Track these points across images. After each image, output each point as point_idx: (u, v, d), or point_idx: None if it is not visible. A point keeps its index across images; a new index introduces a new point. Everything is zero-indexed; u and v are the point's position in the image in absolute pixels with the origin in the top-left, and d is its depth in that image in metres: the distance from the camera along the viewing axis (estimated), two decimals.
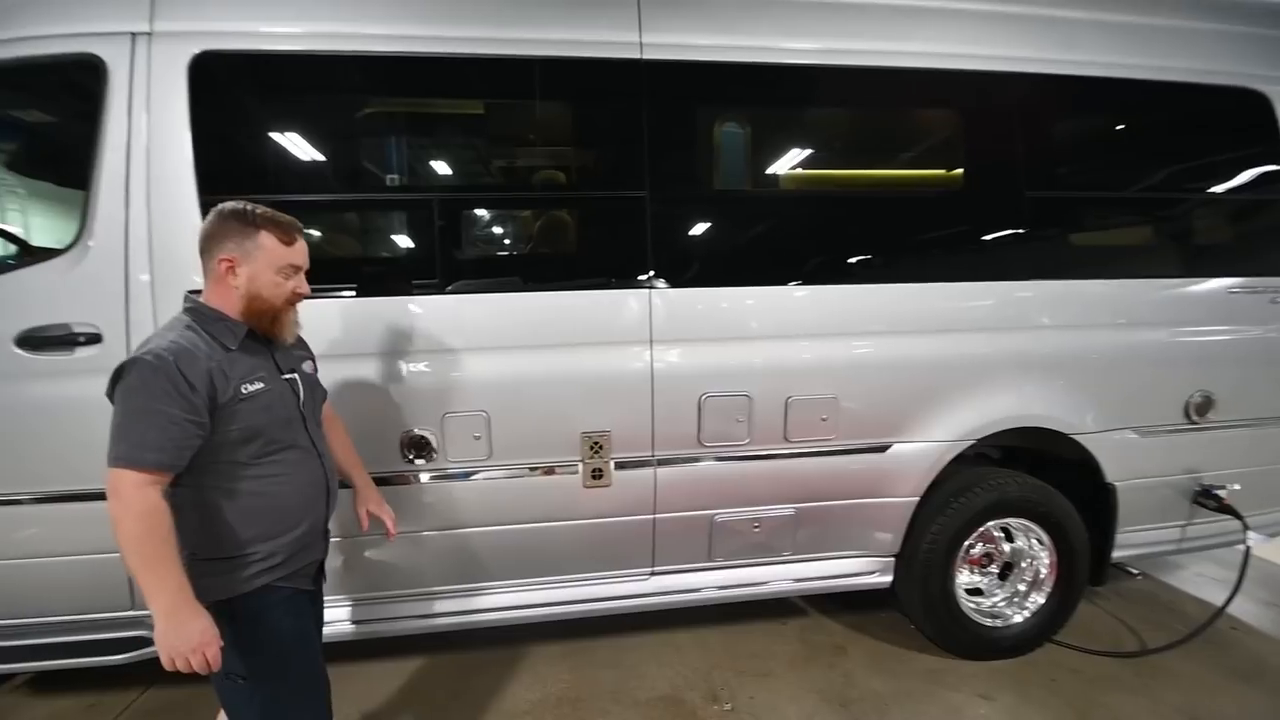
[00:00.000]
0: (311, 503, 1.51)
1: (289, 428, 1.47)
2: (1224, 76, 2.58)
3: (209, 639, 1.27)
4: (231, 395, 1.35)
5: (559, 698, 2.38)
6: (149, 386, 1.26)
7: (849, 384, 2.31)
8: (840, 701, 2.36)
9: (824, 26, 2.30)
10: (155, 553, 1.25)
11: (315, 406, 1.59)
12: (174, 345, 1.31)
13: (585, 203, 2.33)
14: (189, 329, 1.37)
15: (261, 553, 1.41)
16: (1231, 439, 2.64)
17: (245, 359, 1.41)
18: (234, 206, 1.42)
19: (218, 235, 1.40)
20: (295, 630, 1.48)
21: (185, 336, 1.35)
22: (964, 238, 2.50)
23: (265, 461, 1.42)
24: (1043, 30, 2.44)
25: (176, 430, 1.28)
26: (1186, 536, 2.76)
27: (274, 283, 1.42)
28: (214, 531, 1.38)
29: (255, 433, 1.39)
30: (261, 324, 1.43)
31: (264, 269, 1.41)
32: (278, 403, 1.44)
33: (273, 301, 1.43)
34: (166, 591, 1.25)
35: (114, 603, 2.08)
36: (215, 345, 1.37)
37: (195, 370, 1.29)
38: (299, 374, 1.54)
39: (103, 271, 1.95)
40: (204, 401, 1.30)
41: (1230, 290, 2.57)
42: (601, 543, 2.32)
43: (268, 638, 1.42)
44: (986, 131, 2.47)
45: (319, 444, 1.56)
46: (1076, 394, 2.47)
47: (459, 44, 2.09)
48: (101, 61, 1.95)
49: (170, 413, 1.27)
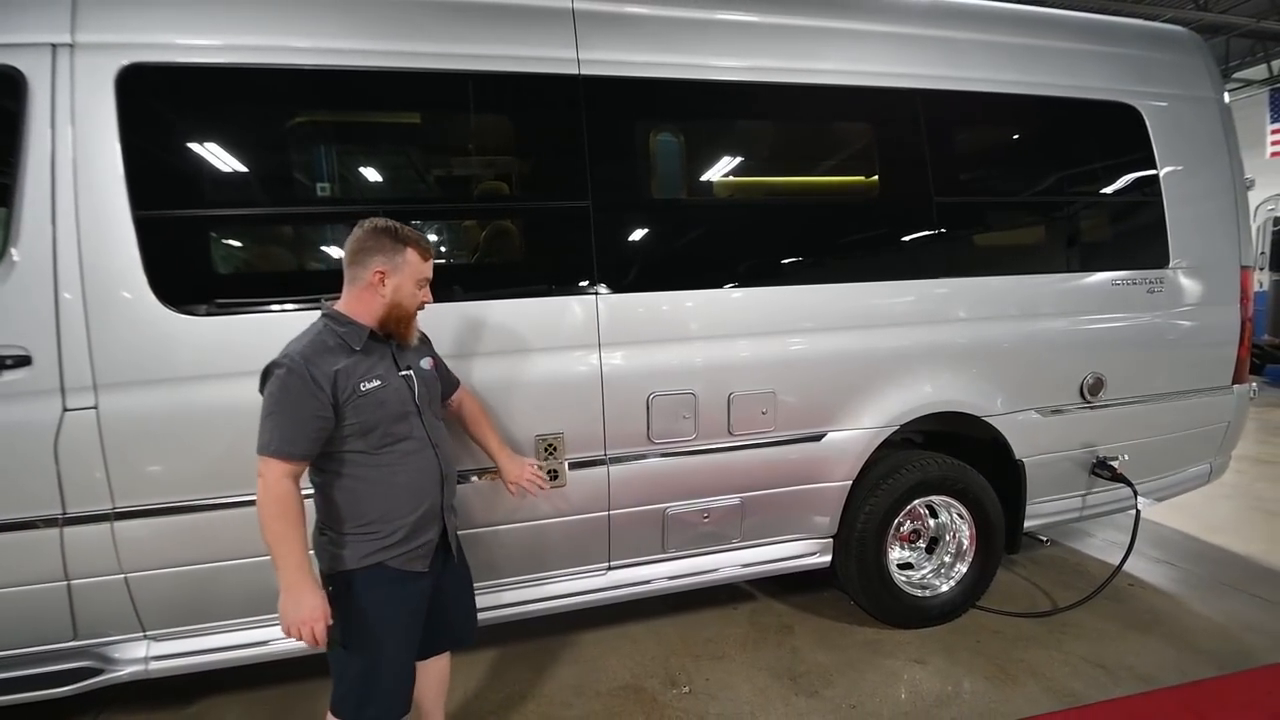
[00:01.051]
0: (426, 489, 1.66)
1: (404, 421, 1.63)
2: (1101, 92, 2.89)
3: (317, 616, 1.47)
4: (351, 392, 1.53)
5: (523, 695, 2.43)
6: (287, 388, 1.48)
7: (785, 379, 2.46)
8: (790, 676, 2.51)
9: (748, 46, 2.45)
10: (283, 533, 1.47)
11: (433, 400, 1.76)
12: (307, 349, 1.52)
13: (530, 213, 2.40)
14: (321, 334, 1.58)
15: (381, 532, 1.58)
16: (1121, 415, 2.94)
17: (366, 359, 1.59)
18: (384, 224, 1.62)
19: (371, 249, 1.59)
20: (396, 612, 1.62)
21: (317, 341, 1.56)
22: (882, 240, 2.72)
23: (383, 452, 1.59)
24: (938, 50, 2.68)
25: (309, 425, 1.49)
26: (1087, 505, 3.07)
27: (412, 293, 1.64)
28: (339, 511, 1.58)
29: (371, 426, 1.56)
30: (397, 328, 1.64)
31: (407, 280, 1.62)
32: (393, 398, 1.61)
33: (409, 309, 1.64)
34: (289, 568, 1.47)
35: (57, 634, 2.00)
36: (343, 347, 1.57)
37: (322, 371, 1.50)
38: (415, 371, 1.69)
39: (29, 290, 1.87)
40: (329, 398, 1.50)
41: (1114, 282, 2.88)
42: (559, 541, 2.39)
43: (372, 613, 1.58)
44: (896, 142, 2.68)
45: (433, 435, 1.70)
46: (987, 380, 2.71)
47: (396, 58, 2.12)
48: (20, 73, 1.88)
49: (304, 411, 1.48)
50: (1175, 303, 2.97)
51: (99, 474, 1.92)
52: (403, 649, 1.66)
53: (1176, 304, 2.97)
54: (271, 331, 2.01)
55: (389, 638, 1.63)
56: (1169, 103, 2.99)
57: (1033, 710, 2.28)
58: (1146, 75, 2.99)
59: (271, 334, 2.00)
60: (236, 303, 2.04)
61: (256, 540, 2.03)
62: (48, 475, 1.89)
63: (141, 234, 1.93)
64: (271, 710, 2.40)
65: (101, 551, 1.96)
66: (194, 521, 2.01)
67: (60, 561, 1.94)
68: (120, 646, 2.10)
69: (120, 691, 2.29)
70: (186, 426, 1.97)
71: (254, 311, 2.05)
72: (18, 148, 1.88)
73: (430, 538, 1.70)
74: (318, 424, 1.50)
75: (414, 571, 1.65)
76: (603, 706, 2.37)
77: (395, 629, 1.64)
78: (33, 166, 1.88)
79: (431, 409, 1.74)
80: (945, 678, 2.49)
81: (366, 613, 1.59)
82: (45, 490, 1.89)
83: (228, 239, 2.26)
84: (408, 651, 1.68)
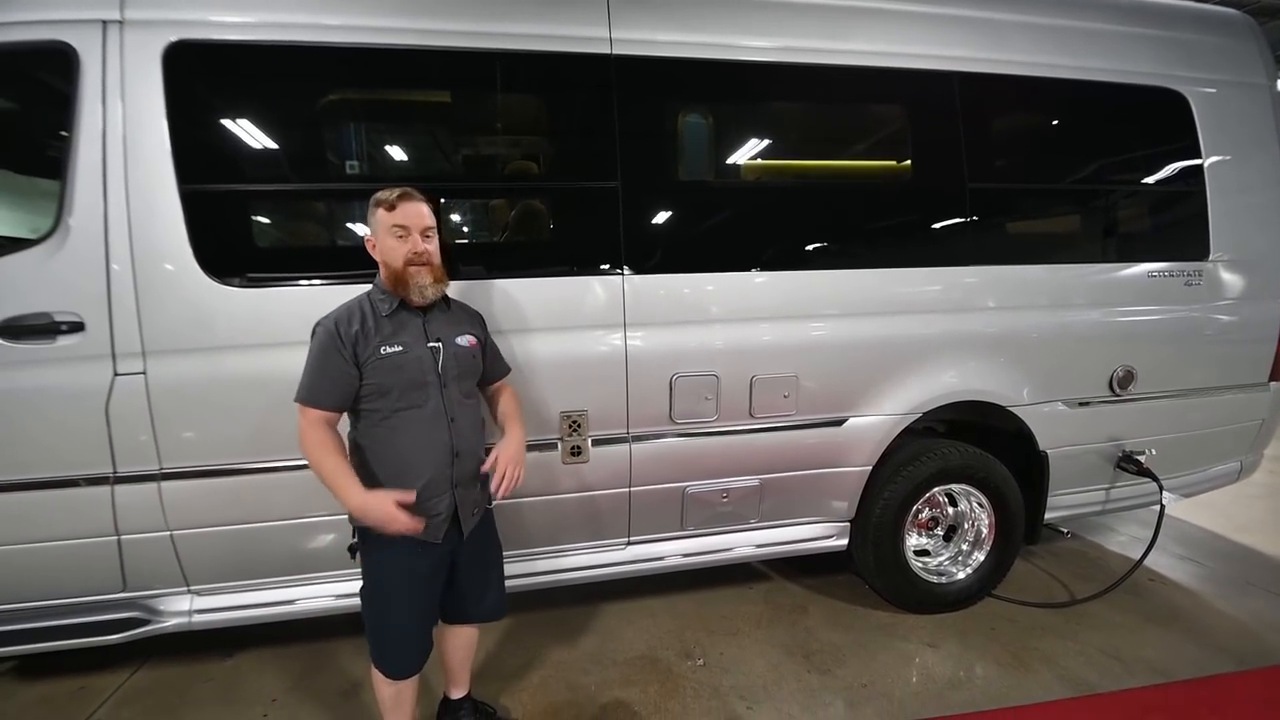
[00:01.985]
0: (434, 460, 1.71)
1: (420, 390, 1.70)
2: (1146, 77, 2.80)
3: (392, 514, 1.56)
4: (370, 354, 1.65)
5: (543, 661, 2.52)
6: (321, 344, 1.65)
7: (809, 363, 2.47)
8: (803, 654, 2.56)
9: (782, 25, 2.42)
10: (332, 466, 1.61)
11: (462, 377, 1.79)
12: (341, 312, 1.68)
13: (559, 193, 2.43)
14: (358, 299, 1.73)
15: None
16: (1150, 409, 2.90)
17: (391, 325, 1.70)
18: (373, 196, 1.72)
19: (369, 224, 1.73)
20: (405, 569, 1.72)
21: (353, 305, 1.71)
22: (914, 226, 2.68)
23: (395, 416, 1.68)
24: (977, 31, 2.62)
25: (336, 379, 1.64)
26: (1110, 498, 3.04)
27: (393, 247, 1.68)
28: (359, 466, 1.70)
29: (386, 389, 1.66)
30: (401, 287, 1.69)
31: (384, 236, 1.69)
32: (412, 365, 1.69)
33: (396, 265, 1.68)
34: (350, 494, 1.59)
35: (108, 585, 2.13)
36: (372, 312, 1.69)
37: (347, 331, 1.64)
38: (445, 344, 1.75)
39: (83, 259, 1.96)
40: (350, 355, 1.63)
41: (1150, 274, 2.82)
42: (581, 515, 2.45)
43: (382, 567, 1.71)
44: (931, 126, 2.64)
45: (451, 409, 1.74)
46: (1014, 370, 2.69)
47: (440, 37, 2.14)
48: (72, 49, 1.95)
49: (330, 366, 1.63)
50: (1214, 296, 2.89)
51: (147, 436, 2.02)
52: (405, 611, 1.74)
53: (1215, 297, 2.90)
54: (308, 304, 2.09)
55: (394, 597, 1.72)
56: (1218, 89, 2.89)
57: (1045, 697, 2.30)
58: (1195, 60, 2.88)
59: (308, 307, 2.08)
60: (277, 276, 2.12)
61: (294, 503, 2.17)
62: (100, 436, 1.99)
63: (187, 207, 2.00)
64: (305, 665, 2.52)
65: (149, 509, 2.07)
66: (236, 484, 2.11)
67: (111, 517, 2.05)
68: (165, 599, 2.22)
69: (164, 642, 2.42)
70: (228, 393, 2.05)
71: (293, 285, 2.12)
72: (70, 122, 1.95)
73: (439, 511, 1.73)
74: (344, 379, 1.64)
75: (424, 540, 1.69)
76: (619, 675, 2.44)
77: (401, 590, 1.72)
78: (84, 141, 1.96)
79: (459, 385, 1.78)
80: (958, 662, 2.51)
81: (375, 569, 1.73)
82: (97, 450, 2.00)
83: (269, 213, 2.33)
84: (411, 614, 1.75)
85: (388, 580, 1.72)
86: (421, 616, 1.79)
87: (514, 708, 2.26)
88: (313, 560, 2.27)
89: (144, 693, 2.38)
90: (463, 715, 2.07)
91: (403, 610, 1.74)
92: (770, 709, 2.26)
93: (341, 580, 2.33)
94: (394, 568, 1.71)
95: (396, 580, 1.72)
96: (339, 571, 2.31)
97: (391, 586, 1.72)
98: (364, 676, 2.43)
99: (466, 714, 2.08)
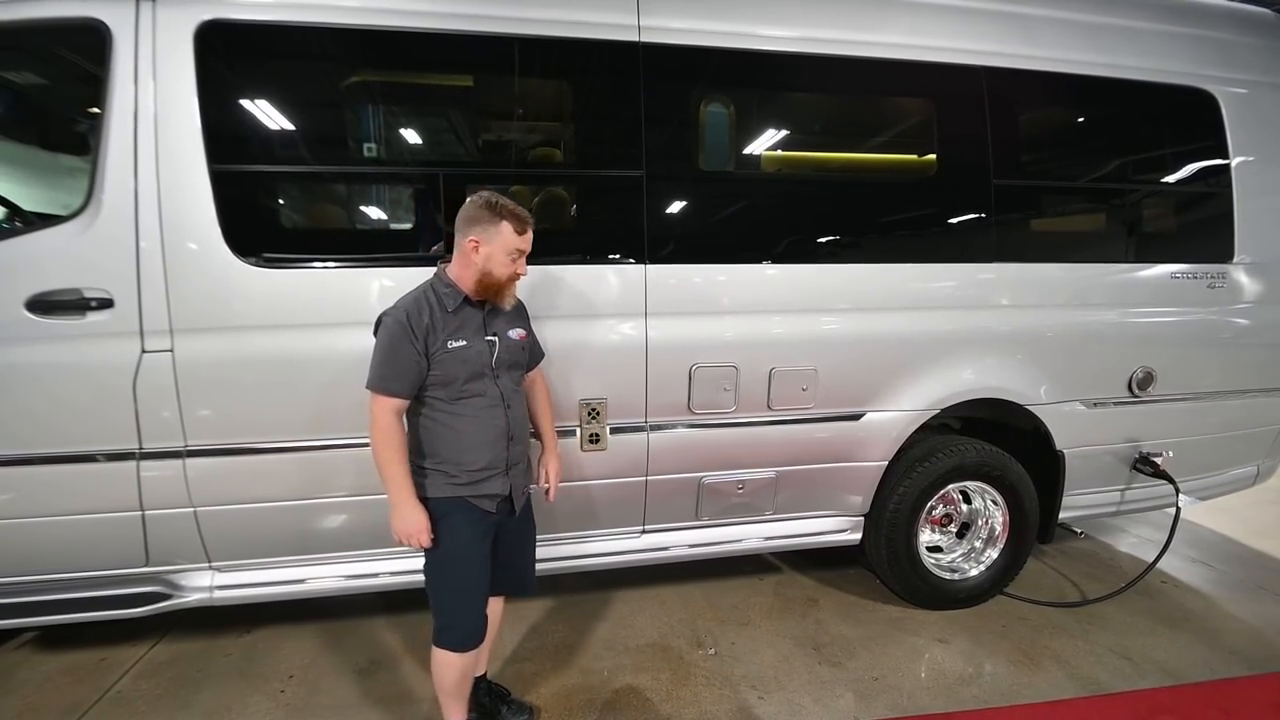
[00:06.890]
0: (492, 443, 1.81)
1: (479, 380, 1.79)
2: (1176, 76, 2.77)
3: (420, 529, 1.72)
4: (439, 346, 1.72)
5: (556, 645, 2.55)
6: (392, 335, 1.70)
7: (828, 357, 2.47)
8: (813, 645, 2.58)
9: (810, 16, 2.40)
10: (389, 457, 1.71)
11: (514, 367, 1.89)
12: (410, 304, 1.73)
13: (583, 180, 2.42)
14: (425, 291, 1.78)
15: (449, 470, 1.78)
16: (1169, 411, 2.88)
17: (456, 320, 1.76)
18: (487, 197, 1.76)
19: (471, 220, 1.74)
20: (465, 538, 1.81)
21: (420, 296, 1.76)
22: (939, 222, 2.67)
23: (457, 402, 1.77)
24: (1007, 25, 2.59)
25: (407, 368, 1.71)
26: (1126, 500, 3.03)
27: (503, 263, 1.75)
28: (419, 446, 1.80)
29: (450, 379, 1.75)
30: (489, 295, 1.78)
31: (498, 251, 1.74)
32: (474, 358, 1.77)
33: (499, 278, 1.77)
34: (395, 489, 1.71)
35: (132, 559, 2.16)
36: (439, 306, 1.75)
37: (419, 323, 1.71)
38: (500, 337, 1.83)
39: (113, 237, 1.97)
40: (421, 347, 1.70)
41: (1173, 275, 2.80)
42: (597, 502, 2.47)
43: (446, 536, 1.79)
44: (957, 121, 2.62)
45: (508, 397, 1.84)
46: (1032, 369, 2.68)
47: (470, 21, 2.14)
48: (105, 26, 1.96)
49: (402, 355, 1.70)
50: (1236, 299, 2.87)
51: (173, 414, 2.04)
52: (477, 567, 1.83)
53: (1238, 300, 2.87)
54: (333, 286, 2.12)
55: (464, 558, 1.81)
56: (1249, 89, 2.85)
57: (1056, 695, 2.31)
58: (1226, 59, 2.84)
59: (333, 289, 2.12)
60: (305, 257, 2.13)
61: (315, 484, 2.19)
62: (127, 412, 2.02)
63: (217, 187, 2.01)
64: (321, 642, 2.55)
65: (173, 485, 2.09)
66: (260, 462, 2.13)
67: (136, 492, 2.08)
68: (187, 575, 2.26)
69: (183, 617, 2.45)
70: (254, 372, 2.07)
71: (318, 266, 2.13)
72: (102, 100, 1.96)
73: (495, 490, 1.83)
74: (414, 368, 1.71)
75: (484, 510, 1.82)
76: (632, 661, 2.47)
77: (471, 551, 1.82)
78: (116, 119, 1.97)
79: (510, 375, 1.87)
80: (968, 658, 2.52)
81: (446, 535, 1.79)
82: (124, 426, 2.03)
83: (298, 195, 2.34)
84: (482, 570, 1.84)
85: (457, 541, 1.79)
86: (485, 580, 1.86)
87: (527, 690, 2.28)
88: (334, 540, 2.30)
89: (164, 665, 2.42)
90: (479, 695, 2.10)
91: (474, 566, 1.82)
92: (781, 699, 2.27)
93: (360, 561, 2.36)
94: (462, 530, 1.79)
95: (467, 539, 1.80)
96: (359, 551, 2.34)
97: (461, 549, 1.80)
98: (381, 655, 2.47)
99: (483, 694, 2.11)
